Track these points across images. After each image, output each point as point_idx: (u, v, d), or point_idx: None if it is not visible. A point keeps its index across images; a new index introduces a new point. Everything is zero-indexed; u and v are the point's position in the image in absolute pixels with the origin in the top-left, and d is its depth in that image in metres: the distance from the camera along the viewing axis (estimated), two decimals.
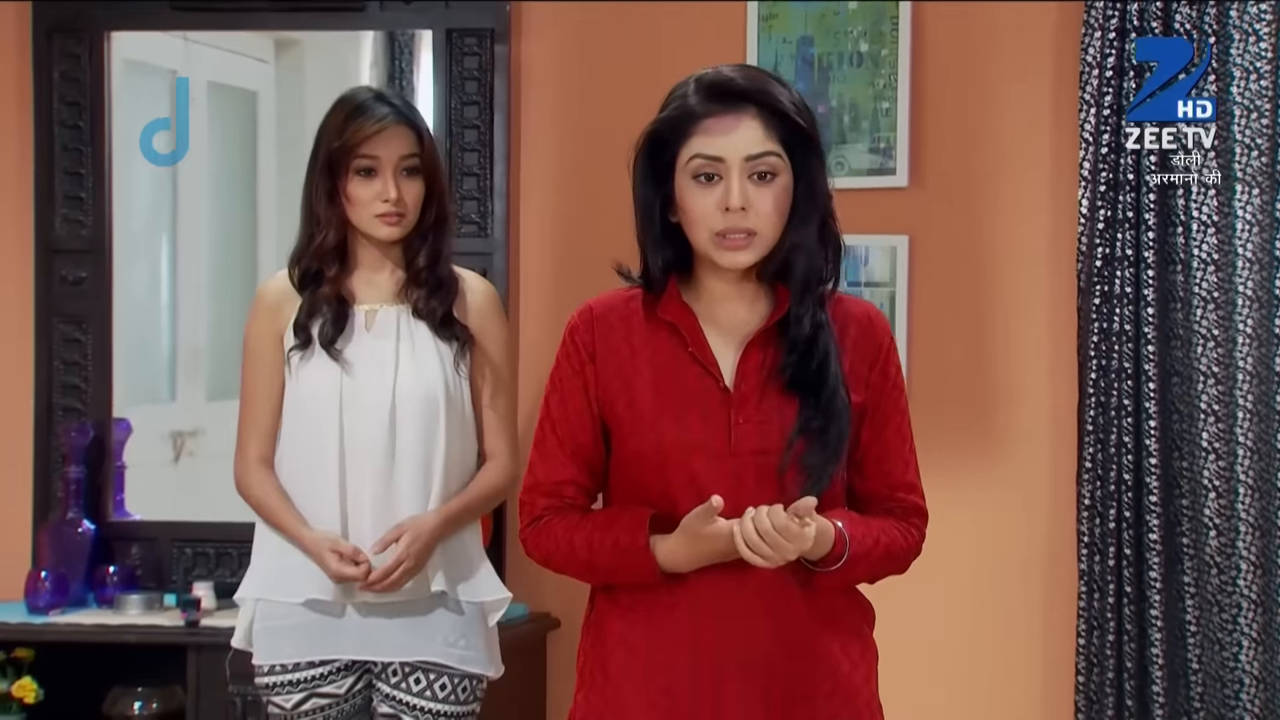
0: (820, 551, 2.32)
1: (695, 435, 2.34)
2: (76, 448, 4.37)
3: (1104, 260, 3.95)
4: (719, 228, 2.33)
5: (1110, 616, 3.93)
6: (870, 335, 2.43)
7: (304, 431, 3.16)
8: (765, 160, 2.32)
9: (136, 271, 4.69)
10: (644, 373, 2.38)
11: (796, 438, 2.33)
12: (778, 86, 2.36)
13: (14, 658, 4.17)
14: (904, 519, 2.45)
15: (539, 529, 2.43)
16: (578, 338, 2.43)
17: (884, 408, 2.43)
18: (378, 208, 3.14)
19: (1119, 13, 3.93)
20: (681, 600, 2.35)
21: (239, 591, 3.20)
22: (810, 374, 2.35)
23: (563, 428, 2.42)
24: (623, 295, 2.45)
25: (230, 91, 4.75)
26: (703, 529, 2.28)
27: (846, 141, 4.19)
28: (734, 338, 2.39)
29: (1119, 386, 3.94)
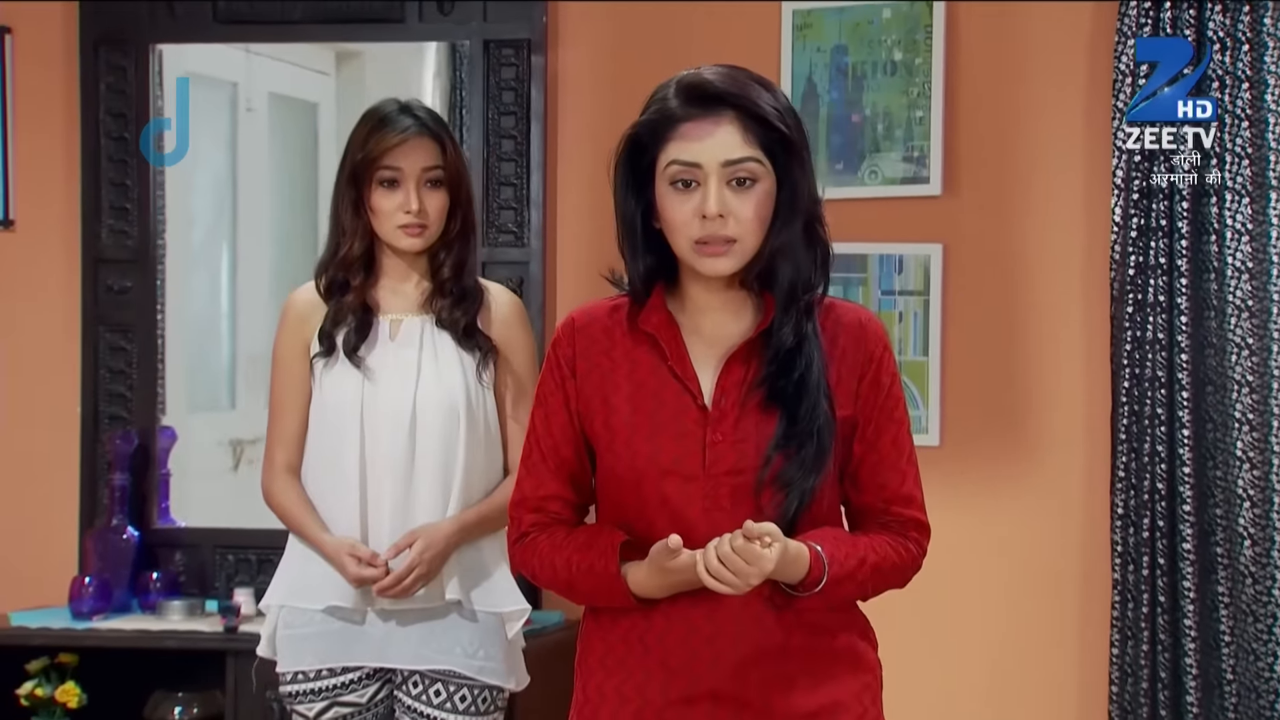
0: (795, 574, 2.24)
1: (667, 456, 2.28)
2: (121, 455, 4.43)
3: (1137, 268, 3.93)
4: (697, 235, 2.26)
5: (1144, 626, 3.92)
6: (861, 345, 2.35)
7: (326, 439, 3.19)
8: (744, 166, 2.25)
9: (196, 281, 4.77)
10: (622, 388, 2.33)
11: (773, 454, 2.26)
12: (758, 89, 2.28)
13: (58, 663, 4.23)
14: (900, 533, 2.37)
15: (525, 546, 2.40)
16: (559, 351, 2.38)
17: (877, 419, 2.35)
18: (400, 219, 3.17)
19: (1152, 20, 3.91)
20: (656, 626, 2.30)
21: (264, 599, 3.24)
22: (790, 387, 2.28)
23: (546, 443, 2.38)
24: (607, 305, 2.39)
25: (291, 103, 4.81)
26: (665, 563, 2.23)
27: (880, 150, 4.19)
28: (718, 350, 2.33)
29: (1152, 395, 3.92)
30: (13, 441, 4.59)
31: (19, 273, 4.61)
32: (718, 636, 2.28)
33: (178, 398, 4.68)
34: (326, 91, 4.72)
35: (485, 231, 4.37)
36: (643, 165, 2.30)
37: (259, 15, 4.50)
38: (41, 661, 4.21)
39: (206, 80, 4.77)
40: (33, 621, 4.24)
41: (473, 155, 4.37)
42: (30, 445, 4.59)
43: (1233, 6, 3.88)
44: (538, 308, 4.35)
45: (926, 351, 4.15)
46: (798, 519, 2.27)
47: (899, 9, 4.18)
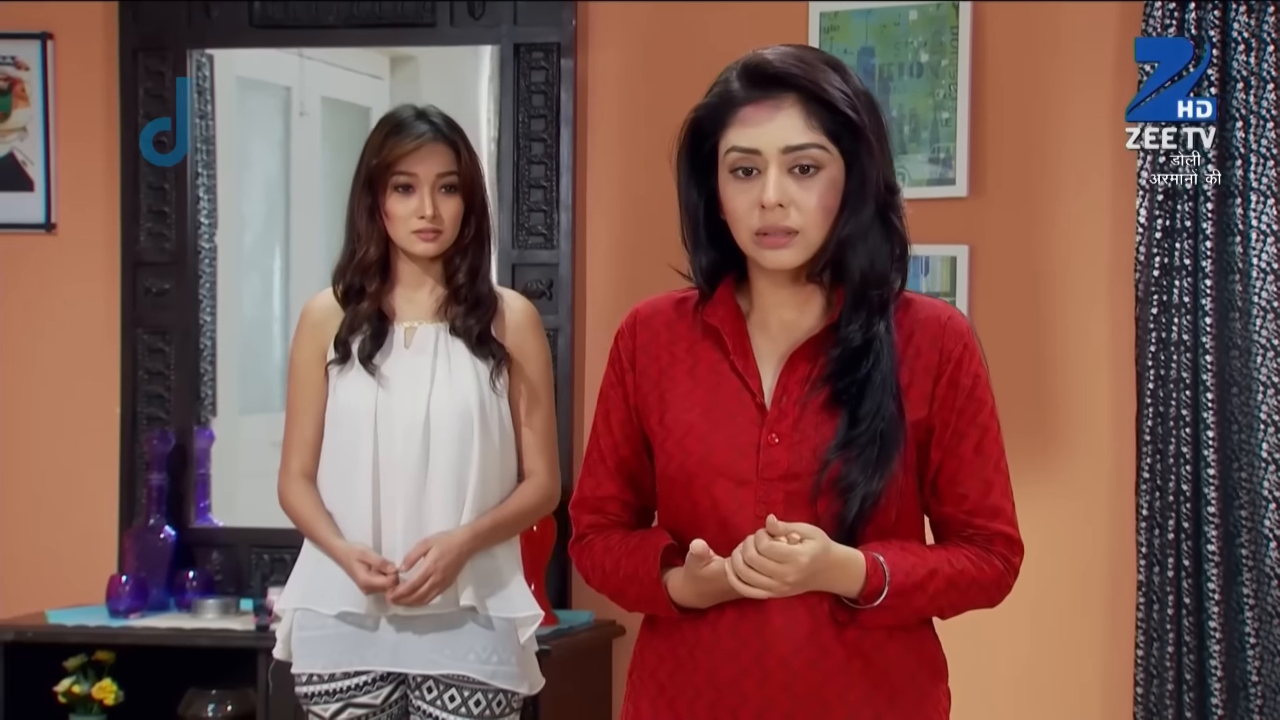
0: (851, 584, 2.09)
1: (719, 458, 2.14)
2: (159, 455, 4.49)
3: (1162, 269, 3.92)
4: (757, 226, 2.11)
5: (1169, 628, 3.91)
6: (938, 343, 2.17)
7: (340, 446, 3.23)
8: (806, 153, 2.10)
9: (248, 283, 4.82)
10: (681, 384, 2.19)
11: (832, 457, 2.10)
12: (825, 70, 2.12)
13: (96, 660, 4.29)
14: (984, 547, 2.18)
15: (581, 548, 2.29)
16: (621, 344, 2.26)
17: (956, 423, 2.16)
18: (414, 224, 3.20)
19: (1176, 20, 3.90)
20: (704, 639, 2.16)
21: (279, 602, 3.29)
22: (854, 386, 2.12)
23: (606, 440, 2.26)
24: (674, 297, 2.26)
25: (344, 107, 4.86)
26: (697, 571, 2.09)
27: (906, 152, 4.19)
28: (784, 346, 2.18)
29: (1177, 396, 3.91)
30: (54, 442, 4.66)
31: (61, 275, 4.68)
32: (766, 654, 2.12)
33: (229, 399, 4.74)
34: (380, 95, 4.77)
35: (515, 233, 4.41)
36: (704, 152, 2.17)
37: (294, 19, 4.55)
38: (79, 659, 4.28)
39: (259, 84, 4.83)
40: (70, 619, 4.30)
41: (503, 158, 4.41)
42: (71, 445, 4.66)
43: (1257, 7, 3.86)
44: (567, 309, 4.38)
45: None
46: (858, 528, 2.11)
47: (926, 10, 4.18)
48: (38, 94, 4.66)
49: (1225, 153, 3.90)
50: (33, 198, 4.67)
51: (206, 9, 4.58)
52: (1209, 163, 3.89)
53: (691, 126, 2.18)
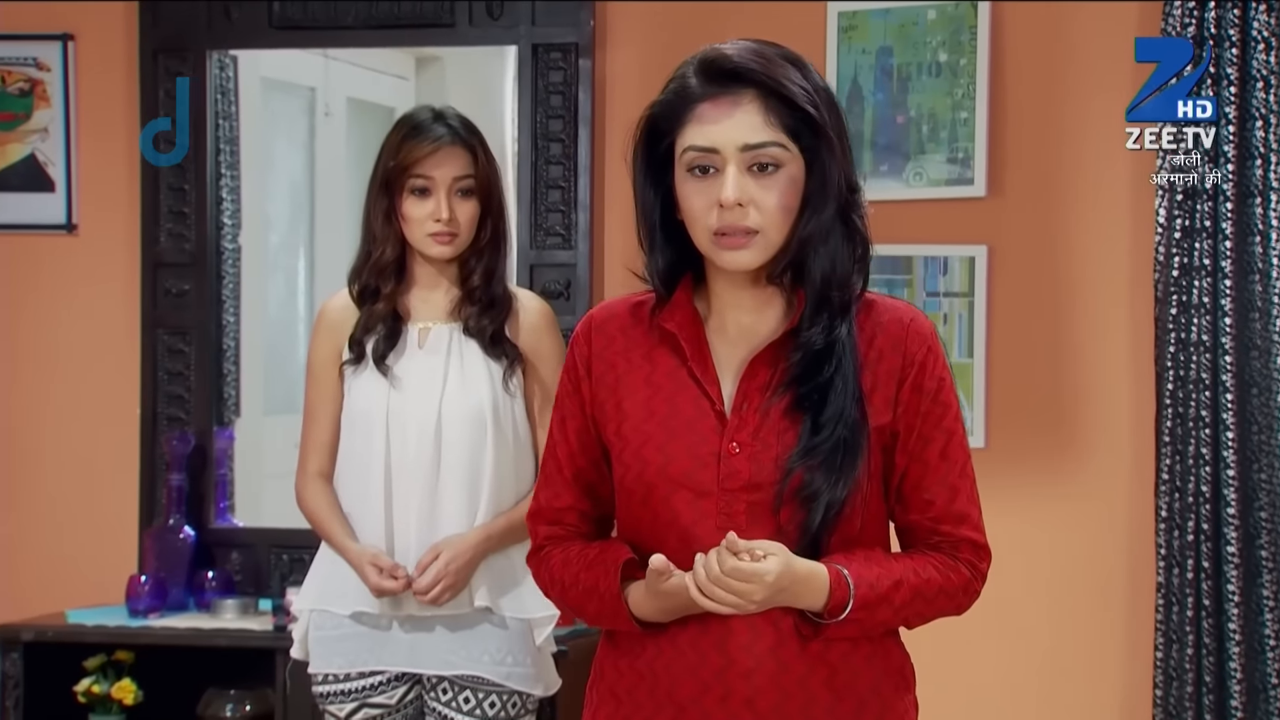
0: (815, 598, 2.03)
1: (678, 468, 2.08)
2: (178, 456, 4.50)
3: (1181, 269, 3.90)
4: (715, 226, 2.05)
5: (1189, 630, 3.89)
6: (901, 346, 2.11)
7: (354, 447, 3.24)
8: (766, 151, 2.04)
9: (272, 284, 4.83)
10: (638, 392, 2.13)
11: (795, 466, 2.04)
12: (784, 66, 2.06)
13: (115, 660, 4.31)
14: (950, 554, 2.13)
15: (539, 560, 2.24)
16: (576, 351, 2.20)
17: (921, 428, 2.10)
18: (430, 227, 3.20)
19: (1196, 20, 3.88)
20: (664, 654, 2.10)
21: (296, 603, 3.29)
22: (816, 391, 2.06)
23: (562, 450, 2.20)
24: (631, 301, 2.21)
25: (369, 108, 4.87)
26: (658, 586, 2.03)
27: (925, 152, 4.18)
28: (743, 351, 2.12)
29: (1197, 397, 3.89)
30: (74, 442, 4.68)
31: (81, 276, 4.69)
32: (728, 669, 2.06)
33: (253, 399, 4.75)
34: (405, 96, 4.77)
35: (533, 234, 4.41)
36: (660, 150, 2.11)
37: (313, 20, 4.56)
38: (99, 658, 4.30)
39: (284, 85, 4.84)
40: (90, 619, 4.31)
41: (521, 158, 4.41)
42: (91, 446, 4.67)
43: (1277, 6, 3.84)
44: (584, 310, 4.37)
45: (971, 353, 4.14)
46: (822, 538, 2.06)
47: (944, 10, 4.17)
48: (59, 95, 4.68)
49: (1245, 152, 3.88)
50: (54, 198, 4.69)
51: (226, 10, 4.59)
52: (1210, 162, 3.87)
53: (647, 124, 2.13)
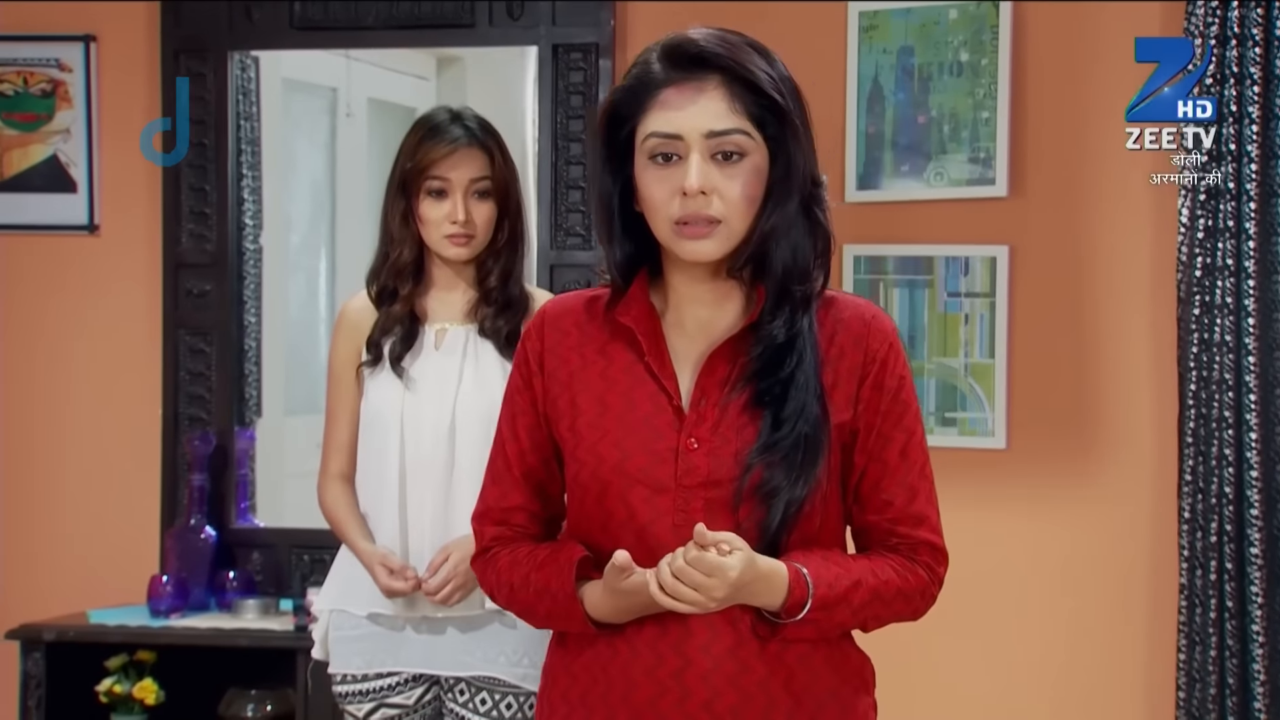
0: (774, 597, 1.99)
1: (634, 464, 2.03)
2: (200, 456, 4.51)
3: (1204, 269, 3.89)
4: (677, 215, 2.00)
5: (1212, 632, 3.87)
6: (862, 343, 2.07)
7: (370, 447, 3.24)
8: (730, 138, 2.00)
9: (293, 285, 4.84)
10: (593, 387, 2.08)
11: (754, 462, 1.99)
12: (750, 53, 2.04)
13: (137, 660, 4.32)
14: (909, 556, 2.09)
15: (485, 561, 2.17)
16: (528, 346, 2.15)
17: (881, 427, 2.07)
18: (446, 228, 3.20)
19: (1219, 19, 3.86)
20: (620, 656, 2.05)
21: (316, 603, 3.30)
22: (777, 386, 2.02)
23: (512, 448, 2.15)
24: (585, 296, 2.15)
25: (391, 108, 4.87)
26: (617, 584, 1.98)
27: (946, 152, 4.17)
28: (702, 346, 2.07)
29: (1220, 398, 3.87)
30: (96, 442, 4.69)
31: (103, 277, 4.70)
32: (686, 670, 2.02)
33: (274, 400, 4.76)
34: (426, 96, 4.77)
35: (553, 234, 4.41)
36: (621, 138, 2.06)
37: (334, 21, 4.56)
38: (121, 658, 4.31)
39: (305, 86, 4.85)
40: (112, 619, 4.33)
41: (541, 159, 4.41)
42: (112, 446, 4.68)
43: None
44: None
45: (993, 354, 4.13)
46: (781, 536, 2.01)
47: (965, 10, 4.15)
48: (80, 96, 4.69)
49: (1268, 151, 3.86)
50: (75, 199, 4.70)
51: (248, 11, 4.60)
52: (1213, 161, 3.84)
53: (608, 110, 2.07)
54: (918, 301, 4.19)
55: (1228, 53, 3.87)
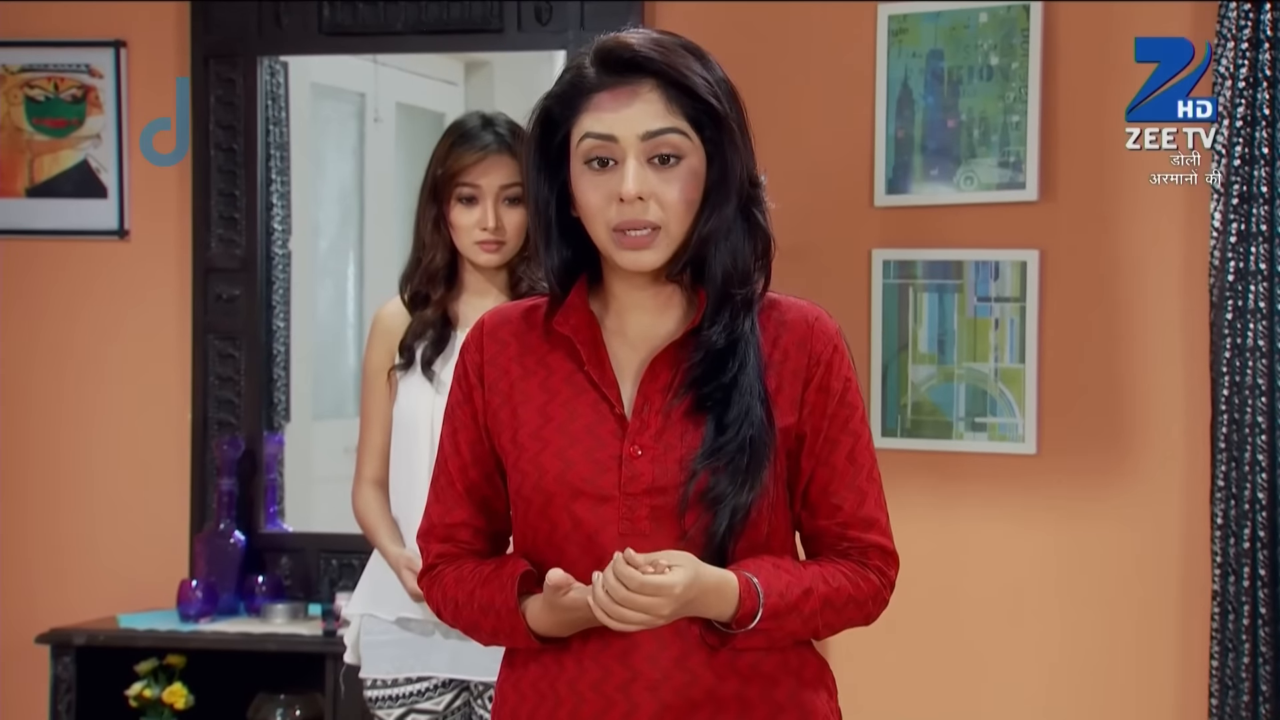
0: (724, 608, 1.95)
1: (578, 474, 1.99)
2: (228, 461, 4.52)
3: (1236, 274, 3.86)
4: (615, 221, 1.97)
5: (1245, 639, 3.85)
6: (807, 346, 2.05)
7: (401, 452, 3.25)
8: (666, 139, 1.97)
9: (322, 289, 4.85)
10: (534, 398, 2.05)
11: (699, 468, 1.96)
12: (685, 56, 1.99)
13: (166, 664, 4.33)
14: (860, 561, 2.06)
15: (430, 579, 2.13)
16: (467, 359, 2.11)
17: (827, 431, 2.04)
18: (477, 235, 3.20)
19: (1252, 22, 3.84)
20: (567, 671, 2.01)
21: (348, 607, 3.30)
22: (719, 391, 1.98)
23: (454, 463, 2.11)
24: (523, 306, 2.12)
25: (419, 113, 4.88)
26: (557, 601, 1.95)
27: (976, 156, 4.15)
28: (643, 353, 2.04)
29: (1253, 403, 3.85)
30: (126, 447, 4.70)
31: (133, 282, 4.71)
32: (633, 683, 1.98)
33: (302, 404, 4.76)
34: (454, 101, 4.78)
35: None
36: (555, 143, 2.03)
37: (363, 26, 4.57)
38: (150, 663, 4.32)
39: (334, 91, 4.86)
40: (141, 624, 4.34)
41: None
42: (142, 451, 4.69)
43: None
44: None
45: (1023, 359, 4.11)
46: (729, 543, 1.98)
47: (996, 12, 4.14)
48: (111, 101, 4.70)
49: None
50: (106, 204, 4.71)
51: (277, 16, 4.60)
52: (1221, 160, 3.82)
53: (541, 115, 2.05)
54: (947, 306, 4.17)
55: (1260, 55, 3.84)
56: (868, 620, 2.09)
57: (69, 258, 4.73)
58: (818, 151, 4.27)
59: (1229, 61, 3.86)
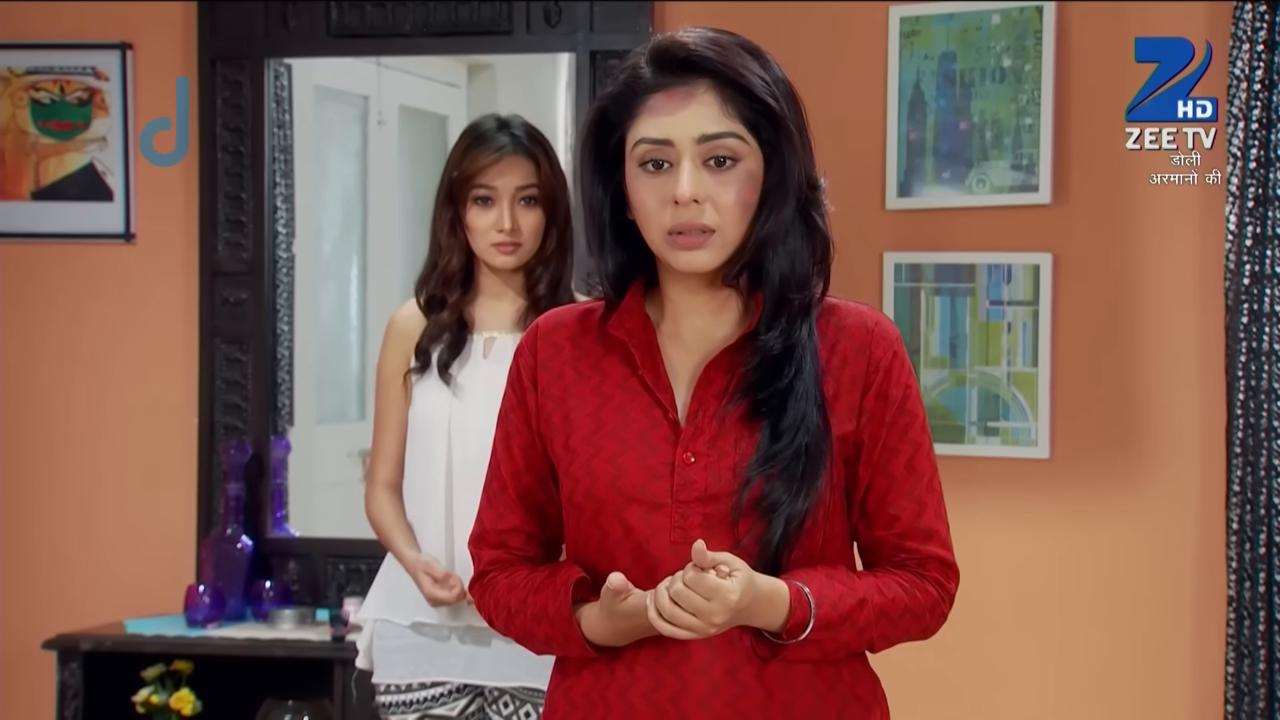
0: (774, 617, 1.91)
1: (630, 481, 1.96)
2: (236, 465, 4.49)
3: (1252, 278, 3.84)
4: (670, 224, 1.93)
5: (1261, 644, 3.83)
6: (866, 352, 2.00)
7: (417, 455, 3.23)
8: (723, 143, 1.93)
9: (325, 293, 4.82)
10: (587, 403, 2.01)
11: (753, 476, 1.92)
12: (742, 55, 1.95)
13: (173, 670, 4.31)
14: (917, 573, 2.01)
15: (483, 586, 2.10)
16: (521, 362, 2.08)
17: (886, 439, 2.00)
18: (494, 237, 3.19)
19: (1267, 24, 3.82)
20: (619, 680, 1.98)
21: (359, 612, 3.29)
22: (775, 398, 1.94)
23: (507, 468, 2.08)
24: (579, 309, 2.08)
25: (422, 116, 4.86)
26: (615, 607, 1.91)
27: (989, 158, 4.13)
28: (699, 357, 2.00)
29: (1269, 407, 3.83)
30: (133, 451, 4.67)
31: (140, 285, 4.69)
32: (684, 694, 1.94)
33: (306, 408, 4.74)
34: (457, 104, 4.76)
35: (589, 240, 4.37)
36: (610, 145, 1.99)
37: (371, 28, 4.54)
38: (158, 668, 4.29)
39: (337, 93, 4.84)
40: (148, 629, 4.32)
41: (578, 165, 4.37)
42: (149, 455, 4.67)
43: None
44: None
45: (1036, 363, 4.09)
46: (783, 553, 1.94)
47: (1008, 14, 4.12)
48: (117, 104, 4.68)
49: None
50: (112, 208, 4.69)
51: (284, 18, 4.58)
52: (1237, 162, 3.81)
53: (596, 117, 2.00)
54: (959, 310, 4.15)
55: (1275, 58, 3.83)
56: (925, 634, 2.04)
57: (75, 261, 4.71)
58: (828, 154, 4.16)
59: (1244, 64, 3.85)
